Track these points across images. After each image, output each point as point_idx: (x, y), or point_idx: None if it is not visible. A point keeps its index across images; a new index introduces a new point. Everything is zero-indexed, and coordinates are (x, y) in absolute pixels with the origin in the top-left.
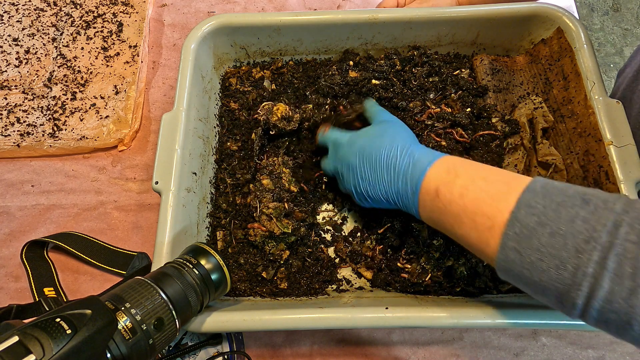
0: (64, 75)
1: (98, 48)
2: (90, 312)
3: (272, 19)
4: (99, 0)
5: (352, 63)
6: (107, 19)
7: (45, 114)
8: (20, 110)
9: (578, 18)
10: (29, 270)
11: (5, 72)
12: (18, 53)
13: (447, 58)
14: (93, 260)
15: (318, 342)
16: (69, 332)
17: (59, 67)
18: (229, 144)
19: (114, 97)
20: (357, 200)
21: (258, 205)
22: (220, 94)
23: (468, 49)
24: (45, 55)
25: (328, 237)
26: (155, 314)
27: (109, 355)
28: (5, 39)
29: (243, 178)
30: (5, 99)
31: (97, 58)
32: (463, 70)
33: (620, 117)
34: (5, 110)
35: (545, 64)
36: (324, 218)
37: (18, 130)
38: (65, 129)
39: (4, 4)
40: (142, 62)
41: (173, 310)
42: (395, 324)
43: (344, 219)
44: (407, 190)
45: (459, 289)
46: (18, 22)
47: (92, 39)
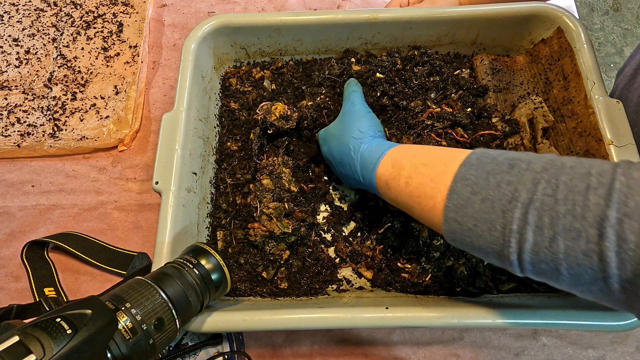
0: (64, 76)
1: (98, 48)
2: (91, 312)
3: (272, 19)
4: (99, 1)
5: (354, 60)
6: (107, 19)
7: (46, 114)
8: (21, 111)
9: (578, 18)
10: (29, 271)
11: (6, 72)
12: (18, 53)
13: (447, 58)
14: (93, 261)
15: (318, 342)
16: (70, 332)
17: (59, 67)
18: (229, 144)
19: (114, 97)
20: (346, 184)
21: (258, 205)
22: (221, 94)
23: (468, 49)
24: (46, 56)
25: (328, 237)
26: (156, 314)
27: (109, 355)
28: (6, 39)
29: (243, 178)
30: (6, 99)
31: (97, 58)
32: (463, 70)
33: (621, 116)
34: (6, 111)
35: (546, 64)
36: (324, 218)
37: (18, 131)
38: (66, 129)
39: (4, 4)
40: (142, 62)
41: (173, 310)
42: (396, 324)
43: (346, 215)
44: (367, 185)
45: (459, 289)
46: (18, 22)
47: (92, 39)
